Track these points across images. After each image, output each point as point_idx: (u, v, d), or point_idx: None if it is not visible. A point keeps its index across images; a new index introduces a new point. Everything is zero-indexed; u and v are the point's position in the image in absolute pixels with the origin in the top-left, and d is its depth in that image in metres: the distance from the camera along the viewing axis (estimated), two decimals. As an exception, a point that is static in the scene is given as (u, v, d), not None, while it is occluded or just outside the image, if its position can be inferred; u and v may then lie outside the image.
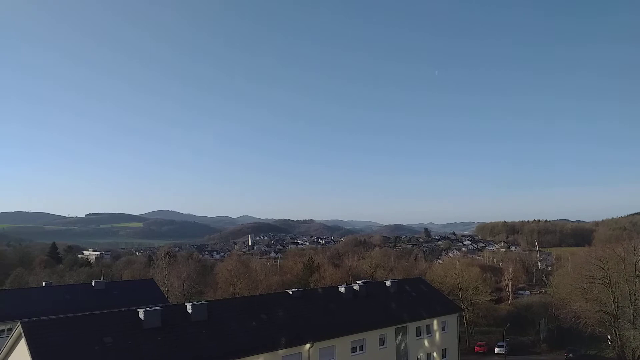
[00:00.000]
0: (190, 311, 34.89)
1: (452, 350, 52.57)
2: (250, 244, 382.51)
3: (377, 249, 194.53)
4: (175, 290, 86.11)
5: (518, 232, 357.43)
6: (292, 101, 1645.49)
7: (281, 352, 35.12)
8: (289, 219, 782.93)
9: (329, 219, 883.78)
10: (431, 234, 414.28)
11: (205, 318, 34.85)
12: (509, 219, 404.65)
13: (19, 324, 29.45)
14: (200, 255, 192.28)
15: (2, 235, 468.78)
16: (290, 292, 43.84)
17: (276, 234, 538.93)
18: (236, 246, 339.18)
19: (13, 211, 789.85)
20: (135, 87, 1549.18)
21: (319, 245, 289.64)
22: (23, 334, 28.63)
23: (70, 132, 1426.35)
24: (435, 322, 50.52)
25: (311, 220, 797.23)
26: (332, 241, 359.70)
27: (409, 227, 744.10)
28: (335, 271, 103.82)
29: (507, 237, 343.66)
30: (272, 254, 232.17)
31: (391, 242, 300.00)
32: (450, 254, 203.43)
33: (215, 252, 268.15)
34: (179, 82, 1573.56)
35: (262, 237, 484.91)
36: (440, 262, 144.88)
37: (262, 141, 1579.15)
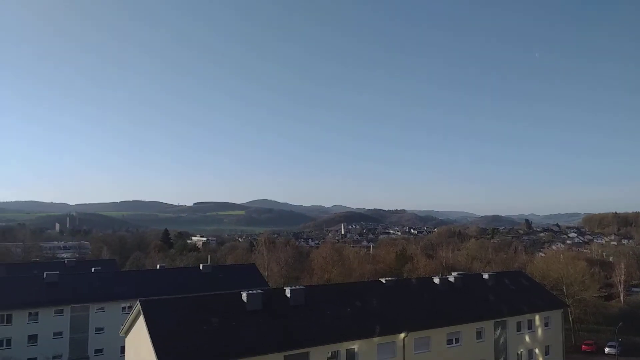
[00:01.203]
0: (289, 295, 36.58)
1: (556, 347, 49.90)
2: (342, 232, 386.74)
3: (473, 240, 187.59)
4: (274, 275, 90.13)
5: (631, 224, 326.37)
6: (395, 85, 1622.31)
7: (376, 339, 35.67)
8: (380, 209, 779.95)
9: (422, 209, 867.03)
10: (532, 225, 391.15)
11: (303, 302, 36.34)
12: (620, 210, 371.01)
13: (137, 302, 32.79)
14: (297, 242, 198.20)
15: (122, 221, 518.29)
16: (384, 281, 44.22)
17: (368, 223, 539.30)
18: (329, 234, 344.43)
19: (131, 200, 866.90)
20: (247, 80, 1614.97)
21: (412, 236, 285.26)
22: (141, 312, 31.90)
23: (175, 132, 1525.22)
24: (537, 317, 48.21)
25: (403, 210, 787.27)
26: (425, 231, 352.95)
27: (507, 218, 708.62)
28: (428, 262, 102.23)
29: (619, 230, 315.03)
30: (365, 243, 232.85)
31: (488, 234, 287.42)
32: (553, 247, 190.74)
33: (310, 239, 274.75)
34: (289, 72, 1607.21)
35: (354, 226, 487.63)
36: (542, 255, 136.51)
37: (358, 132, 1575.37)
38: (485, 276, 51.39)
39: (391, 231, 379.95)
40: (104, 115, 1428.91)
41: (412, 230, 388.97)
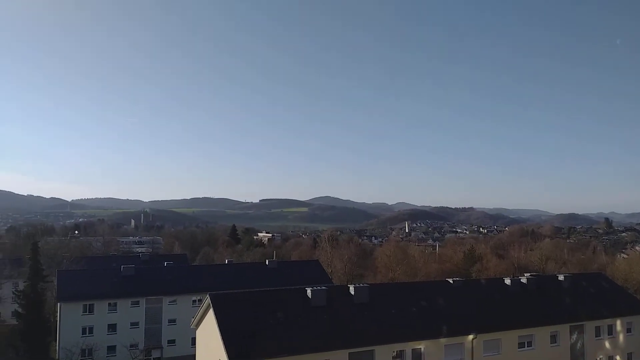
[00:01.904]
0: (353, 292, 36.46)
1: (639, 355, 46.40)
2: (407, 230, 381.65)
3: (547, 240, 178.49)
4: (338, 272, 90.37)
5: None
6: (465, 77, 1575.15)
7: (443, 340, 34.79)
8: (447, 207, 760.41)
9: (491, 207, 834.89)
10: (613, 224, 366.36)
11: (367, 300, 36.08)
12: None
13: (207, 296, 33.93)
14: (360, 240, 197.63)
15: (193, 218, 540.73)
16: (451, 281, 43.04)
17: (433, 222, 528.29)
18: (393, 232, 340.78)
19: (201, 197, 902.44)
20: (311, 71, 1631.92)
21: (480, 235, 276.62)
22: (211, 305, 32.96)
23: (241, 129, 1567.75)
24: (618, 322, 44.99)
25: (471, 208, 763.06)
26: (495, 230, 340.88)
27: (584, 216, 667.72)
28: (499, 262, 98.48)
29: None
30: (430, 242, 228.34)
31: (564, 233, 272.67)
32: (637, 247, 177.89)
33: (373, 237, 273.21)
34: (371, 65, 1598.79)
35: (418, 224, 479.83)
36: (625, 256, 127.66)
37: (423, 122, 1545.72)
38: (561, 278, 48.69)
39: (458, 230, 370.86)
40: (174, 115, 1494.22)
41: (481, 229, 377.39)
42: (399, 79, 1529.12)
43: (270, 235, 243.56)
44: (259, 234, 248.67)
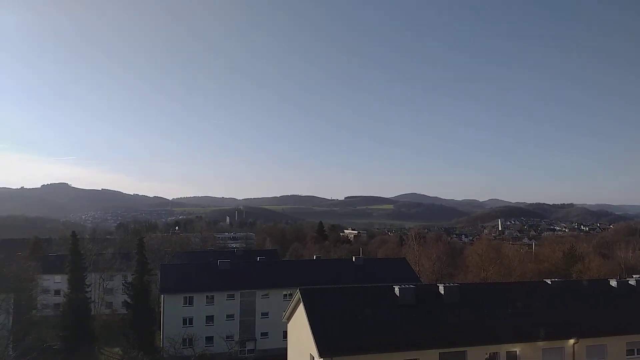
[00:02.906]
0: (442, 292, 35.77)
1: None
2: (500, 228, 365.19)
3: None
4: (426, 271, 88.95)
5: None
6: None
7: (540, 344, 33.09)
8: (544, 203, 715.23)
9: (594, 203, 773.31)
10: None
11: (458, 300, 35.24)
12: None
13: (297, 290, 34.99)
14: (449, 238, 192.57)
15: (282, 215, 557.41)
16: (549, 282, 40.76)
17: (529, 219, 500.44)
18: (485, 230, 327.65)
19: (289, 195, 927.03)
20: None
21: (582, 232, 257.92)
22: (301, 299, 33.96)
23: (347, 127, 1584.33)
24: None
25: (570, 205, 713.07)
26: (598, 228, 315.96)
27: None
28: (603, 262, 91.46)
29: None
30: (525, 240, 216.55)
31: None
32: None
33: (463, 235, 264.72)
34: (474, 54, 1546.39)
35: (512, 222, 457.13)
36: None
37: (517, 111, 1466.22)
38: (677, 280, 44.20)
39: (557, 227, 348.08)
40: (269, 117, 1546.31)
41: (582, 226, 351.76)
42: (502, 68, 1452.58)
43: (356, 232, 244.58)
44: (345, 230, 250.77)
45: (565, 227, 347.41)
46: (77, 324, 55.33)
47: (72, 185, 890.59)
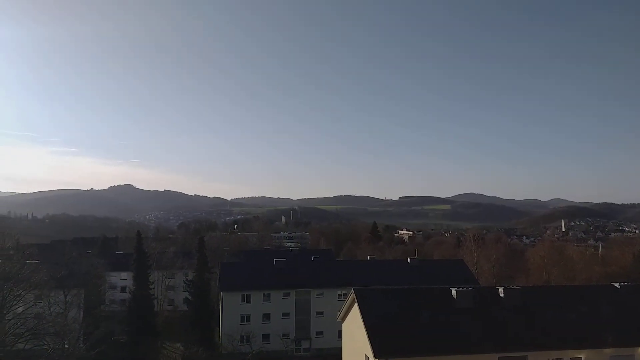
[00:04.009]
0: (502, 295, 34.76)
1: None
2: (563, 229, 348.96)
3: None
4: (484, 273, 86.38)
5: None
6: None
7: (608, 351, 31.50)
8: (612, 203, 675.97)
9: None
10: None
11: (519, 304, 34.12)
12: None
13: (352, 290, 35.04)
14: (509, 239, 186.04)
15: (336, 215, 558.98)
16: (618, 286, 38.61)
17: (595, 220, 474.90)
18: (547, 231, 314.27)
19: (343, 195, 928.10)
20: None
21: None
22: (356, 300, 33.99)
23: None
24: None
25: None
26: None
27: None
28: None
29: None
30: (591, 242, 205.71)
31: None
32: None
33: (524, 236, 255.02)
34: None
35: (577, 223, 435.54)
36: None
37: (582, 108, 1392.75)
38: None
39: (627, 228, 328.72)
40: (323, 117, 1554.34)
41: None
42: (558, 61, 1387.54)
43: (411, 232, 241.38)
44: (399, 231, 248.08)
45: (635, 228, 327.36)
46: (141, 319, 57.77)
47: (137, 187, 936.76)
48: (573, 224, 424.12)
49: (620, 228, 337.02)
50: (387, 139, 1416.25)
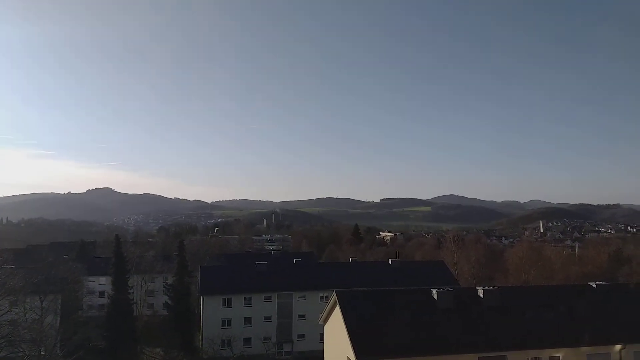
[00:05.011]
0: (482, 295, 35.11)
1: None
2: (541, 230, 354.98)
3: None
4: (464, 274, 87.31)
5: None
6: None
7: (585, 349, 32.03)
8: (588, 204, 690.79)
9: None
10: None
11: (498, 304, 34.49)
12: None
13: (334, 292, 35.03)
14: (489, 240, 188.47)
15: (317, 217, 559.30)
16: (594, 285, 39.37)
17: (572, 221, 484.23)
18: (526, 232, 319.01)
19: (325, 197, 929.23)
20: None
21: (629, 234, 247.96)
22: (337, 302, 33.99)
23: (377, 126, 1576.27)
24: None
25: (616, 205, 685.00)
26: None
27: None
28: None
29: None
30: (568, 242, 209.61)
31: None
32: None
33: (503, 237, 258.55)
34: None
35: (555, 224, 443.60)
36: None
37: (563, 115, 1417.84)
38: None
39: (602, 229, 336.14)
40: (305, 120, 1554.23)
41: (629, 227, 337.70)
42: (533, 67, 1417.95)
43: (392, 234, 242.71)
44: (381, 233, 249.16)
45: (611, 229, 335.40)
46: (120, 324, 56.99)
47: (116, 190, 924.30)
48: (551, 224, 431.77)
49: (596, 229, 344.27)
50: (368, 141, 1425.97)
